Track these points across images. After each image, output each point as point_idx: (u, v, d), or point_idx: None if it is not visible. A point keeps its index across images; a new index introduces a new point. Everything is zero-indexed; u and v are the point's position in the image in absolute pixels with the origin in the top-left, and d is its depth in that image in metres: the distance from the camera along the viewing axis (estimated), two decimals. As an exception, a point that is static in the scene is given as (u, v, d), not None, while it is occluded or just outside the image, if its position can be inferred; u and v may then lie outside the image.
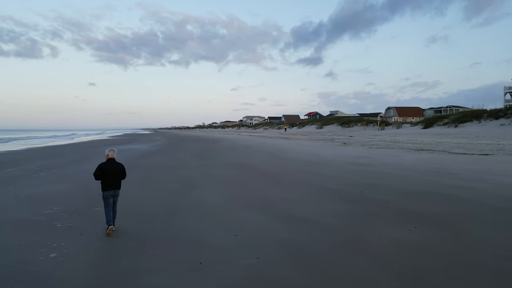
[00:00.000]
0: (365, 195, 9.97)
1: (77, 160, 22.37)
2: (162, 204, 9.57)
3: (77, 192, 11.60)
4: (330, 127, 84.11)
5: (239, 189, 11.55)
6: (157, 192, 11.26)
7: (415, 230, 6.83)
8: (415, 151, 21.52)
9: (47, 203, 9.91)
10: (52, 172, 16.58)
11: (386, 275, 4.91)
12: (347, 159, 18.93)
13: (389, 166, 15.71)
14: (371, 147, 26.40)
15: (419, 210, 8.31)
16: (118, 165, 7.32)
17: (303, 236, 6.66)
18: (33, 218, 8.32)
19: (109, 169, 7.13)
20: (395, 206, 8.76)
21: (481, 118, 45.92)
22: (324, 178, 13.13)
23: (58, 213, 8.71)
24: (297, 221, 7.69)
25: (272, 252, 5.87)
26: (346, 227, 7.20)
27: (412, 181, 11.85)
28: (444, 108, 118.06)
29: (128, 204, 9.60)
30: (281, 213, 8.33)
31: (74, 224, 7.79)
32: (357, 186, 11.31)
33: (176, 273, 5.14)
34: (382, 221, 7.52)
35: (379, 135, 45.86)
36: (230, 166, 17.95)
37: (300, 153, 23.77)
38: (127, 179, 13.52)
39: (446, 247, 5.93)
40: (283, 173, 14.72)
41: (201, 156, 24.54)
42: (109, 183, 7.11)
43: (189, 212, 8.71)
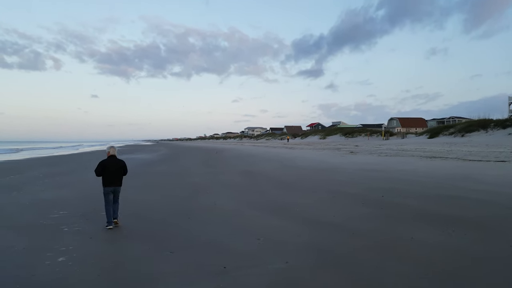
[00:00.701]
0: (387, 200, 9.47)
1: (80, 169, 21.94)
2: (173, 209, 9.10)
3: (82, 198, 11.14)
4: (333, 137, 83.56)
5: (252, 194, 11.06)
6: (167, 197, 10.79)
7: (452, 234, 6.32)
8: (427, 159, 20.99)
9: (52, 208, 9.45)
10: (56, 179, 16.13)
11: (429, 280, 4.41)
12: (359, 166, 18.43)
13: (404, 172, 15.20)
14: (380, 155, 25.89)
15: (449, 214, 7.81)
16: (119, 162, 7.32)
17: (330, 240, 6.16)
18: (38, 222, 7.85)
19: (110, 165, 7.16)
20: (422, 210, 8.26)
21: (488, 128, 45.35)
22: (338, 183, 12.64)
23: (64, 218, 8.24)
24: (320, 225, 7.20)
25: (301, 257, 5.37)
26: (375, 231, 6.69)
27: (433, 186, 11.35)
28: (447, 119, 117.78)
29: (139, 208, 9.16)
30: (302, 218, 7.83)
31: (82, 228, 7.31)
32: (377, 191, 10.81)
33: (199, 277, 4.65)
34: (412, 225, 7.01)
35: (385, 145, 45.33)
36: (238, 173, 17.47)
37: (308, 161, 23.29)
38: (136, 184, 13.10)
39: (488, 250, 5.43)
40: (295, 180, 14.23)
41: (207, 164, 24.08)
42: (110, 179, 7.13)
43: (202, 216, 8.22)
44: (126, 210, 8.95)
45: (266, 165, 21.47)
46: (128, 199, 10.50)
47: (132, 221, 7.79)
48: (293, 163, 22.66)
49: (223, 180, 14.64)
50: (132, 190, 12.00)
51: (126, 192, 11.51)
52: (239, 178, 15.19)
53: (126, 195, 10.99)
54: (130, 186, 12.77)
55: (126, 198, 10.54)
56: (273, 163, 23.19)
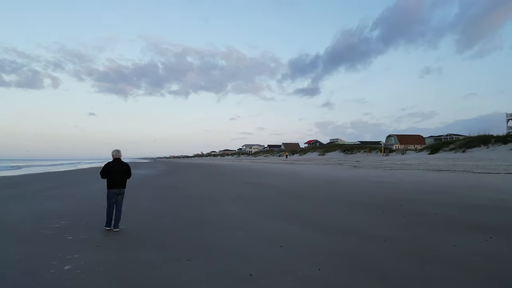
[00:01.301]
0: (408, 208, 9.00)
1: (80, 182, 21.36)
2: (183, 217, 8.58)
3: (84, 208, 10.60)
4: (332, 153, 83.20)
5: (263, 203, 10.56)
6: (177, 207, 10.27)
7: (492, 241, 5.87)
8: (435, 172, 20.60)
9: (54, 217, 8.92)
10: (55, 192, 15.55)
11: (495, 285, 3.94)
12: (368, 178, 17.98)
13: (416, 183, 14.77)
14: (385, 169, 25.49)
15: (482, 221, 7.37)
16: (124, 165, 7.37)
17: (361, 247, 5.68)
18: (40, 231, 7.31)
19: (115, 168, 7.21)
20: (450, 218, 7.80)
21: (489, 143, 45.16)
22: (352, 194, 12.17)
23: (67, 227, 7.70)
24: (343, 232, 6.71)
25: (332, 263, 4.89)
26: (407, 238, 6.22)
27: (452, 196, 10.91)
28: (444, 136, 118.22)
29: (148, 217, 8.65)
30: (322, 225, 7.35)
31: (87, 236, 6.78)
32: (394, 201, 10.35)
33: (225, 285, 4.15)
34: (449, 233, 6.54)
35: (386, 160, 45.00)
36: (244, 184, 16.97)
37: (313, 174, 22.83)
38: (142, 195, 12.64)
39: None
40: (305, 191, 13.74)
41: (209, 178, 23.56)
42: (115, 181, 7.18)
43: (216, 224, 7.71)
44: (134, 218, 8.46)
45: (271, 178, 20.98)
46: (136, 207, 10.03)
47: (141, 229, 7.28)
48: (298, 176, 22.18)
49: (230, 191, 14.14)
50: (139, 200, 11.52)
51: (133, 201, 11.09)
52: (246, 189, 14.69)
53: (134, 204, 10.53)
54: (136, 197, 12.30)
55: (134, 206, 10.10)
56: (278, 176, 22.71)
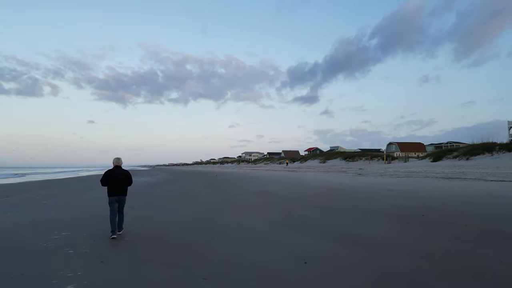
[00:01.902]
0: (432, 219, 8.42)
1: (81, 190, 20.74)
2: (193, 228, 7.98)
3: (85, 217, 10.01)
4: (333, 161, 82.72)
5: (275, 213, 9.98)
6: (184, 217, 9.67)
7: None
8: (445, 179, 20.05)
9: (53, 228, 8.33)
10: (54, 201, 14.94)
11: None
12: (377, 186, 17.41)
13: (430, 192, 14.20)
14: (391, 177, 24.93)
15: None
16: (124, 172, 7.34)
17: (399, 264, 5.10)
18: (38, 244, 6.72)
19: (115, 175, 7.19)
20: (483, 230, 7.22)
21: (493, 151, 44.75)
22: (367, 203, 11.58)
23: (68, 239, 7.12)
24: (371, 246, 6.13)
25: (372, 283, 4.32)
26: (444, 253, 5.63)
27: (476, 206, 10.30)
28: (444, 144, 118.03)
29: (156, 227, 8.06)
30: (345, 238, 6.77)
31: (90, 250, 6.19)
32: (414, 210, 9.77)
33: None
34: (485, 246, 5.98)
35: (390, 168, 44.46)
36: (250, 193, 16.38)
37: (320, 182, 22.24)
38: (146, 204, 12.10)
39: None
40: (316, 199, 13.16)
41: (212, 185, 22.95)
42: (115, 189, 7.15)
43: (229, 236, 7.13)
44: (141, 229, 7.89)
45: (276, 186, 20.39)
46: (140, 217, 9.46)
47: (149, 242, 6.70)
48: (304, 184, 21.60)
49: (238, 200, 13.55)
50: (143, 210, 10.95)
51: (137, 211, 10.54)
52: (254, 198, 14.10)
53: (137, 214, 9.95)
54: (139, 206, 11.73)
55: (137, 216, 9.54)
56: (283, 184, 22.12)
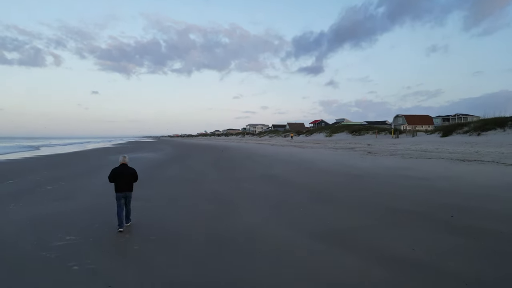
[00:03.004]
0: (465, 223, 7.78)
1: (85, 172, 20.29)
2: (203, 233, 7.43)
3: (92, 212, 9.53)
4: (339, 135, 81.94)
5: (291, 211, 9.40)
6: (191, 214, 9.14)
7: None
8: (460, 162, 19.34)
9: (56, 228, 7.86)
10: (59, 186, 14.48)
11: None
12: (393, 171, 16.75)
13: (451, 180, 13.52)
14: (403, 157, 24.23)
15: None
16: (130, 170, 7.81)
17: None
18: (38, 254, 6.24)
19: (121, 173, 7.65)
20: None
21: (505, 126, 43.61)
22: (388, 196, 10.94)
23: (72, 246, 6.62)
24: (403, 265, 5.53)
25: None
26: (495, 278, 5.03)
27: (508, 203, 9.66)
28: (452, 116, 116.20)
29: (166, 231, 7.39)
30: (370, 251, 6.18)
31: (96, 266, 5.67)
32: (440, 208, 9.15)
33: None
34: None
35: (399, 144, 43.68)
36: (260, 179, 15.82)
37: (330, 164, 21.61)
38: (152, 194, 11.62)
39: None
40: (331, 189, 12.55)
41: (220, 166, 22.41)
42: (121, 185, 7.60)
43: (244, 245, 6.58)
44: (147, 232, 7.30)
45: (286, 168, 19.81)
46: (149, 214, 8.82)
47: (158, 252, 6.14)
48: (314, 165, 20.99)
49: (247, 189, 13.00)
50: (152, 204, 10.30)
51: (144, 205, 9.77)
52: (264, 187, 13.53)
53: (145, 209, 9.25)
54: (146, 197, 11.08)
55: (146, 213, 8.73)
56: (292, 165, 21.53)
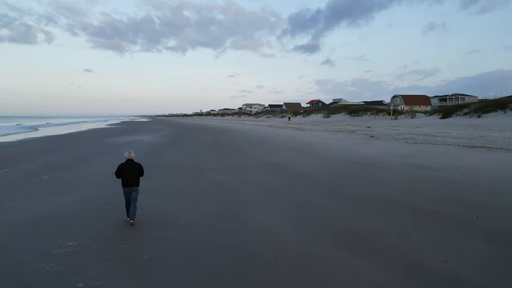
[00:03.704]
0: (491, 225, 7.35)
1: (84, 157, 19.65)
2: (215, 235, 6.92)
3: (92, 208, 9.02)
4: (337, 116, 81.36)
5: (305, 209, 8.89)
6: (198, 212, 8.62)
7: None
8: (468, 149, 18.93)
9: (56, 231, 7.36)
10: (57, 176, 13.88)
11: None
12: (399, 159, 16.29)
13: (463, 170, 13.09)
14: (407, 142, 23.79)
15: None
16: (136, 165, 7.98)
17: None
18: (39, 266, 5.71)
19: (128, 168, 7.81)
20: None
21: (506, 108, 43.21)
22: (402, 191, 10.43)
23: (75, 255, 6.11)
24: (442, 281, 5.07)
25: None
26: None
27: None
28: (449, 96, 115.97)
29: (177, 237, 6.80)
30: (400, 263, 5.70)
31: (102, 283, 5.16)
32: (460, 206, 8.70)
33: None
34: None
35: (399, 126, 43.27)
36: (264, 168, 15.31)
37: (334, 150, 21.11)
38: (154, 186, 11.14)
39: None
40: (341, 182, 12.05)
41: (221, 152, 21.86)
42: (127, 180, 7.75)
43: (255, 253, 6.08)
44: (157, 236, 6.61)
45: (289, 155, 19.31)
46: (158, 219, 8.15)
47: (170, 267, 5.63)
48: (318, 152, 20.49)
49: (254, 180, 12.49)
50: (156, 200, 9.70)
51: (151, 199, 9.16)
52: (270, 177, 13.03)
53: (149, 203, 8.45)
54: (150, 190, 10.42)
55: (155, 216, 7.99)
56: (295, 151, 21.02)
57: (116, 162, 8.67)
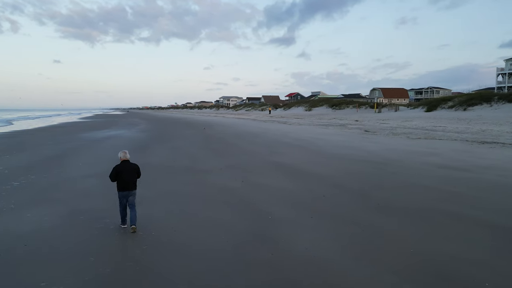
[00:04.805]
0: None
1: (57, 157, 17.30)
2: (250, 277, 5.17)
3: (81, 229, 7.14)
4: (319, 109, 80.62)
5: (344, 226, 7.28)
6: (217, 235, 6.82)
7: None
8: (479, 144, 17.92)
9: (33, 265, 5.44)
10: (28, 181, 11.70)
11: None
12: (415, 158, 14.94)
13: (498, 172, 11.84)
14: (410, 137, 22.67)
15: None
16: (133, 166, 7.27)
17: None
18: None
19: (124, 171, 7.06)
20: None
21: (492, 101, 43.39)
22: (449, 198, 8.97)
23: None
24: None
25: None
26: None
27: None
28: (425, 89, 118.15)
29: (180, 263, 5.14)
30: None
31: None
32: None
33: None
34: None
35: (387, 119, 42.59)
36: (270, 169, 13.64)
37: (337, 147, 19.64)
38: (150, 195, 9.38)
39: None
40: (367, 187, 10.50)
41: (214, 149, 19.98)
42: (124, 184, 7.03)
43: None
44: (167, 268, 4.86)
45: (292, 153, 17.68)
46: (168, 250, 6.05)
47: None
48: (321, 149, 18.94)
49: (266, 185, 10.78)
50: (155, 215, 7.73)
51: (147, 210, 6.33)
52: (285, 181, 11.34)
53: (159, 230, 6.22)
54: (144, 198, 8.32)
55: (163, 244, 5.82)
56: (295, 148, 19.42)
57: (97, 162, 6.87)
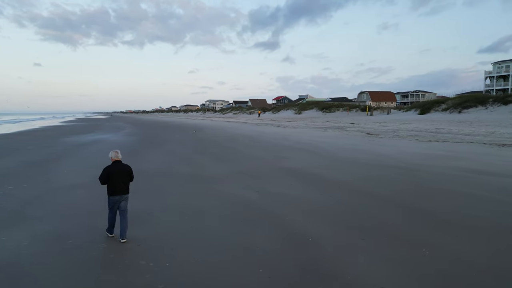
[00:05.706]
0: None
1: (39, 163, 15.38)
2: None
3: (70, 259, 5.52)
4: (309, 112, 79.62)
5: (405, 250, 5.84)
6: (238, 261, 5.26)
7: None
8: (500, 147, 16.88)
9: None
10: (4, 193, 9.89)
11: None
12: (442, 162, 13.67)
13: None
14: (419, 140, 21.53)
15: None
16: (125, 167, 6.56)
17: None
18: None
19: (116, 172, 6.38)
20: None
21: (487, 104, 43.01)
22: (500, 210, 7.74)
23: None
24: None
25: None
26: None
27: None
28: (411, 93, 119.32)
29: None
30: None
31: None
32: None
33: None
34: None
35: (384, 122, 41.69)
36: (283, 176, 12.15)
37: (347, 150, 18.27)
38: (143, 207, 7.64)
39: None
40: (405, 196, 9.12)
41: (213, 154, 18.35)
42: (116, 187, 6.34)
43: None
44: None
45: (301, 158, 16.22)
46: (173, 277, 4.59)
47: None
48: (330, 153, 17.54)
49: (286, 195, 9.28)
50: (167, 241, 6.09)
51: (152, 233, 5.78)
52: (307, 191, 9.86)
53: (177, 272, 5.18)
54: (149, 215, 6.62)
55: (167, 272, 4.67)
56: (303, 153, 17.96)
57: (85, 169, 5.40)
